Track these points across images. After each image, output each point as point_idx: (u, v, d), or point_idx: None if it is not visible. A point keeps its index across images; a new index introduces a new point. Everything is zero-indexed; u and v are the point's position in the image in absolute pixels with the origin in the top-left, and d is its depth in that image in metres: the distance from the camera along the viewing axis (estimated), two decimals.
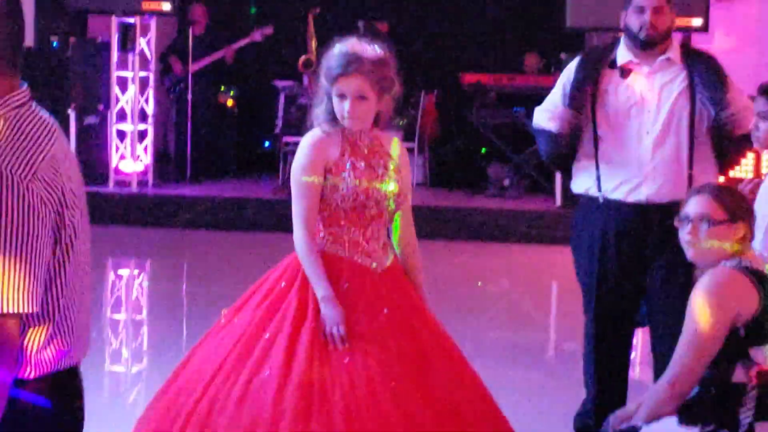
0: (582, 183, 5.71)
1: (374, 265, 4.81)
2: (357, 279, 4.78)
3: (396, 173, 4.83)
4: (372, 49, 4.75)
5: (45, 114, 2.94)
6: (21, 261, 2.81)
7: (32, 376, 2.99)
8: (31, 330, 2.95)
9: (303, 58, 13.49)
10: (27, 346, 2.95)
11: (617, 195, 5.54)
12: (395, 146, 4.94)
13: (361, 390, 4.52)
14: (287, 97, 14.08)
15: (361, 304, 4.72)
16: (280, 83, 14.34)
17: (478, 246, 12.65)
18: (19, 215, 2.77)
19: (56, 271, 2.96)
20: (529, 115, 7.14)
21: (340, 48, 4.74)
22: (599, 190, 5.59)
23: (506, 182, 13.69)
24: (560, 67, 13.02)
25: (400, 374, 4.59)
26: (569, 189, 5.83)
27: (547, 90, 13.18)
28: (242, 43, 14.23)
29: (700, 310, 4.20)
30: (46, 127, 2.91)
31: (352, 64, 4.65)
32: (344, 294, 4.71)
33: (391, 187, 4.86)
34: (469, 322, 9.36)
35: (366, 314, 4.71)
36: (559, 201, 12.86)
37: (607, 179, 5.57)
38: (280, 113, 14.11)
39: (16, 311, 2.84)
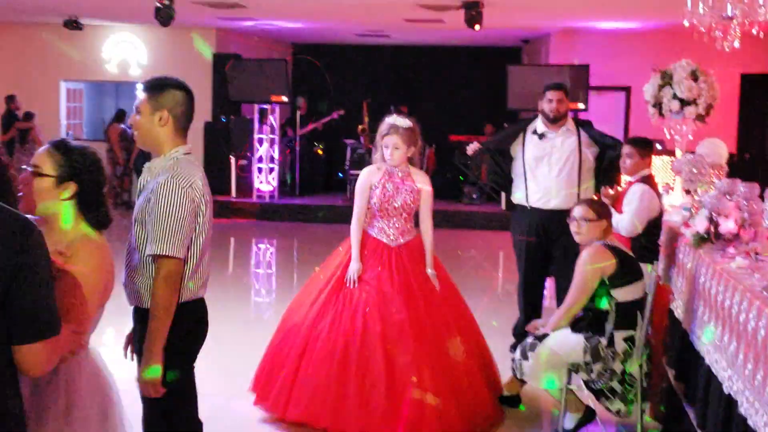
0: (518, 196, 5.67)
1: (390, 241, 4.94)
2: (377, 249, 4.91)
3: (416, 192, 4.92)
4: (404, 121, 4.90)
5: (194, 159, 3.19)
6: (179, 228, 3.00)
7: (180, 301, 3.06)
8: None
9: (360, 127, 14.01)
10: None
11: (537, 204, 5.55)
12: (417, 176, 4.94)
13: (374, 300, 4.74)
14: (351, 149, 14.16)
15: (375, 263, 4.86)
16: (347, 141, 14.41)
17: (458, 232, 12.79)
18: (181, 206, 3.00)
19: (195, 235, 3.09)
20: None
21: (387, 120, 4.96)
22: (527, 201, 5.59)
23: (474, 195, 14.16)
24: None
25: (398, 294, 4.78)
26: (509, 200, 5.65)
27: None
28: (326, 119, 14.62)
29: (583, 268, 4.29)
30: (196, 166, 3.16)
31: (391, 129, 4.87)
32: (366, 257, 4.89)
33: (399, 201, 4.89)
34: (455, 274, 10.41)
35: (378, 268, 4.85)
36: (503, 206, 12.60)
37: (532, 195, 5.56)
38: (348, 157, 14.11)
39: (179, 256, 3.02)
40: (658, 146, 12.25)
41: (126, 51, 15.15)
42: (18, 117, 14.07)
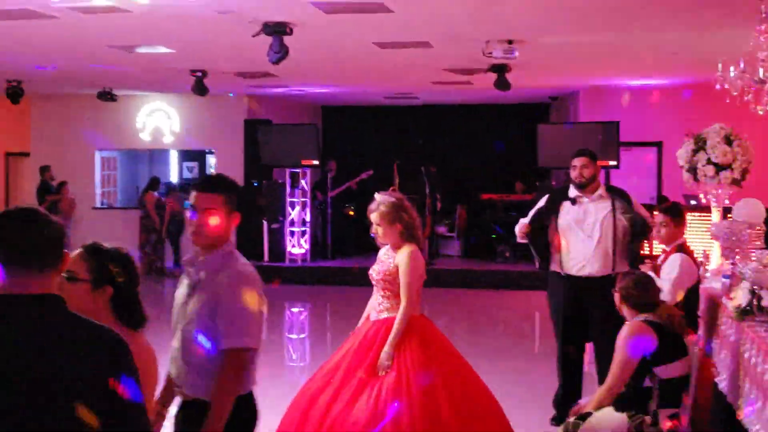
0: (553, 264, 5.66)
1: (373, 316, 4.68)
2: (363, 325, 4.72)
3: (391, 266, 4.61)
4: (386, 199, 4.69)
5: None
6: (254, 319, 3.07)
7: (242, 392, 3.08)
8: None
9: (391, 188, 13.21)
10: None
11: (573, 271, 5.52)
12: (402, 251, 4.59)
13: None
14: None
15: (352, 338, 4.68)
16: None
17: (491, 293, 12.64)
18: (254, 299, 3.07)
19: None
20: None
21: (375, 196, 4.79)
22: (562, 268, 5.58)
23: (507, 254, 14.01)
24: (536, 189, 13.77)
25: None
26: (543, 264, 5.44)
27: (526, 203, 14.01)
28: (357, 179, 14.75)
29: (623, 345, 4.20)
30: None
31: (372, 206, 4.71)
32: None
33: (375, 274, 4.68)
34: (486, 332, 9.76)
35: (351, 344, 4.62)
36: (537, 265, 13.70)
37: (566, 262, 5.55)
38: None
39: (255, 347, 3.07)
40: (693, 202, 12.26)
41: (159, 119, 15.47)
42: (52, 187, 14.37)
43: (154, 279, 14.43)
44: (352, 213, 15.16)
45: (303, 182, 14.14)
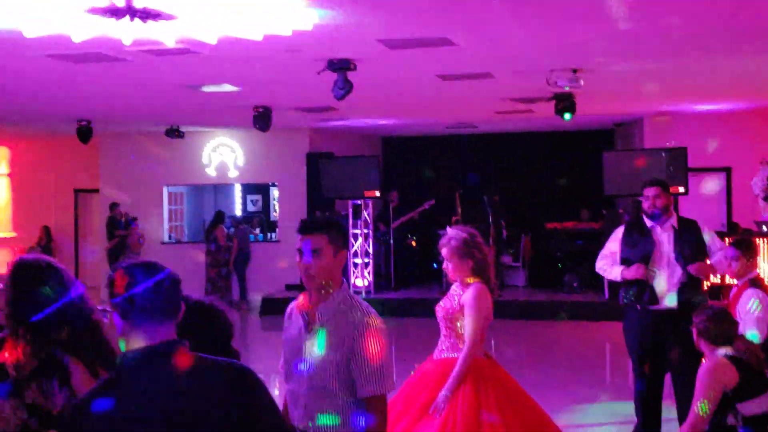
0: (628, 299, 5.59)
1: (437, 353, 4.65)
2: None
3: (456, 304, 4.56)
4: (456, 234, 4.62)
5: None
6: (389, 364, 3.11)
7: None
8: None
9: (454, 218, 13.85)
10: None
11: (649, 306, 5.48)
12: (467, 291, 4.52)
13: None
14: None
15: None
16: (441, 232, 15.02)
17: (559, 323, 12.42)
18: (385, 343, 3.08)
19: None
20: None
21: (447, 231, 4.73)
22: (637, 302, 5.53)
23: (575, 284, 13.79)
24: (603, 218, 13.86)
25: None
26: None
27: (594, 231, 13.85)
28: (419, 210, 14.77)
29: (703, 382, 4.09)
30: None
31: (442, 242, 4.66)
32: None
33: (440, 312, 4.61)
34: (555, 365, 9.64)
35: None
36: (606, 295, 12.81)
37: (641, 297, 5.49)
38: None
39: (391, 390, 3.11)
40: (765, 228, 11.98)
41: (224, 154, 15.78)
42: (121, 223, 14.73)
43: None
44: (414, 244, 15.22)
45: (365, 214, 14.21)
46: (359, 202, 14.11)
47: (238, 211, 17.75)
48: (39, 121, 13.32)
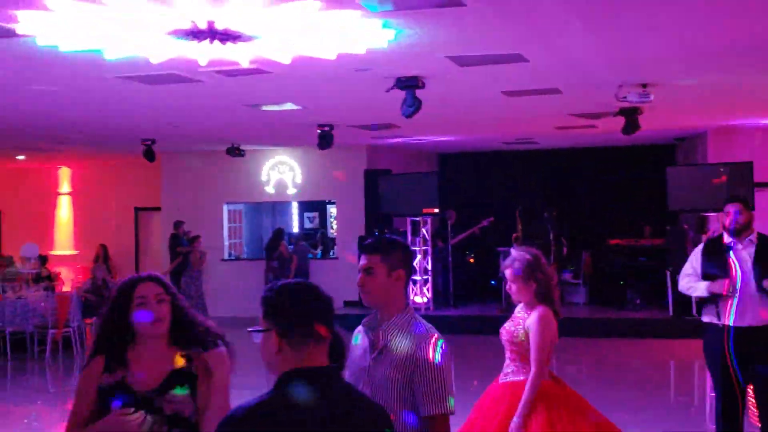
0: (708, 316, 5.60)
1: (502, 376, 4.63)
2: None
3: (518, 327, 4.53)
4: (521, 255, 4.57)
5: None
6: (450, 383, 3.11)
7: None
8: None
9: (514, 235, 14.03)
10: None
11: (731, 322, 5.45)
12: (531, 315, 4.50)
13: None
14: (504, 256, 14.96)
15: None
16: (500, 249, 14.10)
17: (621, 341, 12.29)
18: (446, 362, 3.10)
19: None
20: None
21: (511, 253, 4.70)
22: (719, 319, 5.50)
23: (638, 301, 13.61)
24: (666, 234, 13.66)
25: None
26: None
27: (656, 248, 13.62)
28: (478, 227, 14.77)
29: None
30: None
31: (507, 264, 4.63)
32: None
33: (504, 335, 4.59)
34: (622, 383, 9.53)
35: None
36: (671, 312, 12.65)
37: (725, 313, 5.48)
38: (501, 265, 14.90)
39: (453, 410, 3.10)
40: None
41: (282, 172, 15.90)
42: (185, 241, 14.89)
43: None
44: (472, 260, 15.22)
45: (423, 230, 14.18)
46: (418, 219, 14.09)
47: (295, 228, 17.86)
48: (104, 142, 13.55)
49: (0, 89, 8.50)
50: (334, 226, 17.48)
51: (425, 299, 14.19)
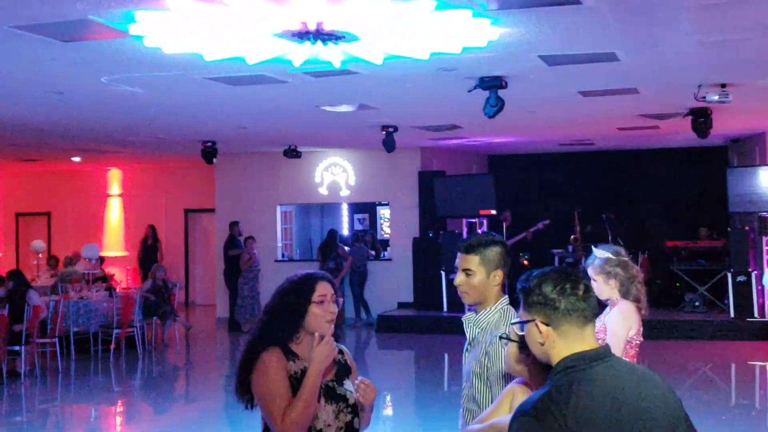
0: None
1: None
2: None
3: (602, 328, 4.39)
4: (601, 253, 4.51)
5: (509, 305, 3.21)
6: None
7: None
8: None
9: (572, 237, 14.31)
10: None
11: None
12: (613, 311, 4.44)
13: None
14: (559, 258, 14.41)
15: None
16: (554, 251, 14.68)
17: (680, 343, 12.23)
18: None
19: None
20: None
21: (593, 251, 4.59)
22: None
23: (696, 303, 13.53)
24: (726, 235, 13.47)
25: None
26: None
27: (714, 249, 13.62)
28: (533, 229, 14.74)
29: None
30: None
31: (588, 262, 4.55)
32: None
33: None
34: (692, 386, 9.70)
35: None
36: (732, 314, 12.54)
37: None
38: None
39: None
40: None
41: (336, 174, 15.96)
42: (240, 242, 15.00)
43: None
44: (526, 262, 15.06)
45: (479, 232, 14.12)
46: (474, 220, 14.07)
47: (345, 230, 17.90)
48: (163, 144, 13.65)
49: (79, 89, 8.57)
50: (385, 228, 17.55)
51: None
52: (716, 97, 8.69)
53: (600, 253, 4.50)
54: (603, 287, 4.40)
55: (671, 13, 5.82)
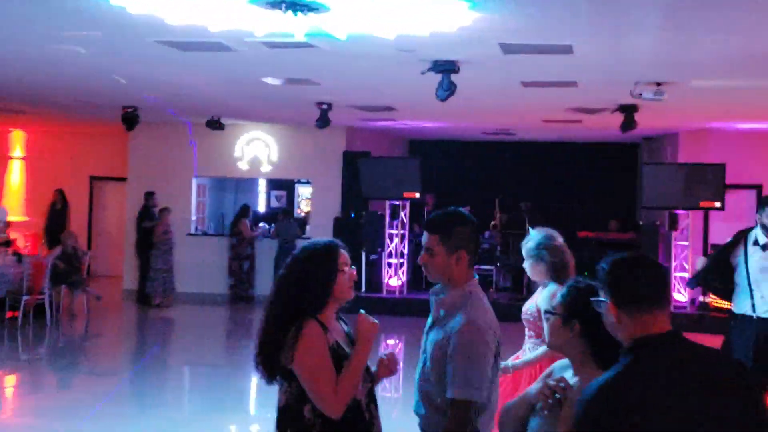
0: (741, 306, 5.85)
1: None
2: None
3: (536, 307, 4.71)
4: (536, 236, 4.80)
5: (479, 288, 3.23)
6: (481, 373, 3.02)
7: None
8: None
9: (493, 222, 14.63)
10: None
11: (765, 314, 5.74)
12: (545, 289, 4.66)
13: None
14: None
15: None
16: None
17: None
18: (484, 351, 3.08)
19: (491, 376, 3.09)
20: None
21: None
22: (754, 311, 5.78)
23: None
24: (636, 229, 14.38)
25: None
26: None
27: (623, 241, 14.14)
28: None
29: None
30: (484, 296, 3.23)
31: (523, 243, 4.83)
32: None
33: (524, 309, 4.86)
34: None
35: None
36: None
37: (759, 306, 5.76)
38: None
39: (478, 400, 3.03)
40: None
41: (258, 149, 15.79)
42: (155, 214, 14.69)
43: (243, 307, 14.74)
44: None
45: (402, 215, 14.37)
46: (398, 202, 14.22)
47: (261, 207, 17.76)
48: (82, 107, 13.17)
49: (21, 45, 8.22)
50: (302, 206, 17.52)
51: (400, 282, 14.38)
52: (651, 95, 9.09)
53: (534, 235, 4.71)
54: (533, 269, 4.65)
55: (643, 9, 6.06)
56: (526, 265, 4.67)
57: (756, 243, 5.90)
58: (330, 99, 11.44)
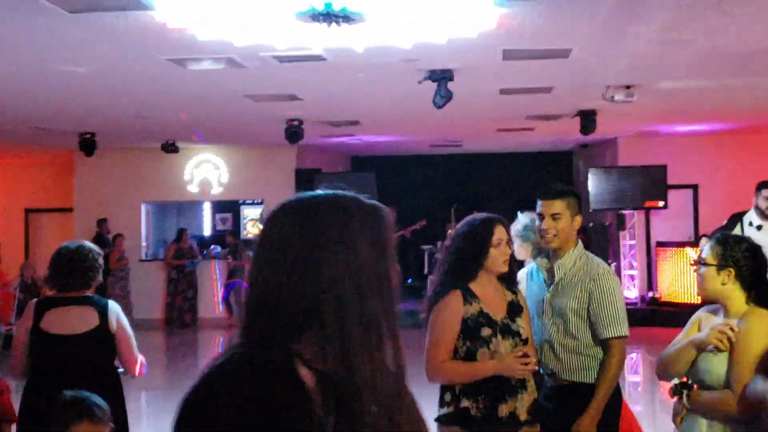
0: None
1: None
2: None
3: None
4: (524, 219, 5.09)
5: None
6: (623, 310, 3.71)
7: None
8: None
9: (448, 232, 15.59)
10: None
11: None
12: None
13: None
14: (429, 254, 15.38)
15: None
16: (425, 246, 15.54)
17: None
18: (620, 291, 3.79)
19: None
20: None
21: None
22: None
23: None
24: (587, 230, 14.59)
25: None
26: None
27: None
28: (411, 228, 15.40)
29: None
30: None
31: (512, 225, 4.89)
32: None
33: None
34: None
35: None
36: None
37: None
38: (426, 263, 15.45)
39: (628, 334, 3.64)
40: None
41: (207, 171, 15.74)
42: (108, 241, 14.46)
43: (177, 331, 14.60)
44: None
45: None
46: None
47: (207, 231, 17.62)
48: (35, 135, 12.84)
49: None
50: (249, 227, 17.46)
51: None
52: (622, 97, 9.71)
53: (522, 218, 5.08)
54: (519, 249, 4.93)
55: (653, 12, 6.46)
56: (515, 245, 4.85)
57: (751, 224, 6.40)
58: (302, 115, 11.53)
